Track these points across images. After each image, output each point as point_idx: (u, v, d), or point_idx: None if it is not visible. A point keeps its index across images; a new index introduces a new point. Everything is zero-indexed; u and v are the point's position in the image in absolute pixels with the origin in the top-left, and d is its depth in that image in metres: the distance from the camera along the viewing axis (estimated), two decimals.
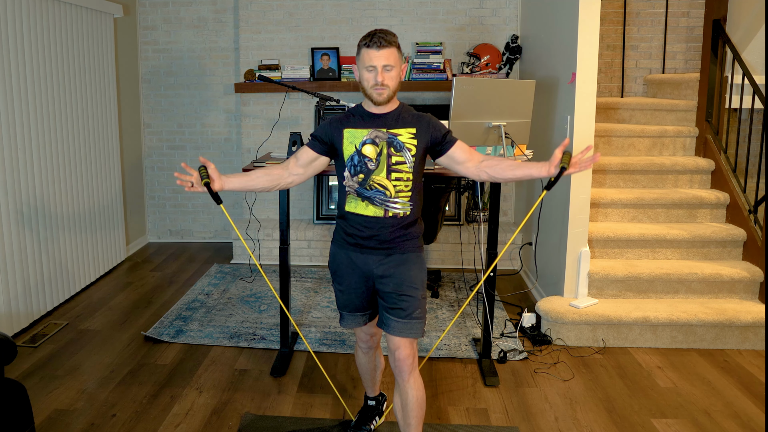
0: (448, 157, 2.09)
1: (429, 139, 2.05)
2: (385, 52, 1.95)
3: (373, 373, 2.40)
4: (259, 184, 2.12)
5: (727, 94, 4.05)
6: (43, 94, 3.55)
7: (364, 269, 2.09)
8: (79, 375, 2.90)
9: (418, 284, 2.06)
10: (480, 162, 2.10)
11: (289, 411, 2.62)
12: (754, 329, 3.23)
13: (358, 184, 2.03)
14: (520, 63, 4.65)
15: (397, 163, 2.01)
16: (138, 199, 5.04)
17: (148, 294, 4.00)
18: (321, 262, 4.62)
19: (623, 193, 3.85)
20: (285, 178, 2.14)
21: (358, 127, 2.04)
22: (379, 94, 1.98)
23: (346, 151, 2.04)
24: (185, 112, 5.04)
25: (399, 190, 2.02)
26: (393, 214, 2.03)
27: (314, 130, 2.13)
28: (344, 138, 2.04)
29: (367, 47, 1.96)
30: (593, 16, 3.24)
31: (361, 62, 1.99)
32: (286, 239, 3.00)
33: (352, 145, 2.03)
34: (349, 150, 2.03)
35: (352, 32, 4.70)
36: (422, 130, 2.04)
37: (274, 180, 2.13)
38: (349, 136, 2.04)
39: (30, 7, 3.40)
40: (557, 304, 3.38)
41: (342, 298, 2.18)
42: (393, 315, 2.04)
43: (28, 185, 3.42)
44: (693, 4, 4.84)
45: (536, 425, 2.53)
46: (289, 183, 2.16)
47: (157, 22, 4.92)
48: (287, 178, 2.14)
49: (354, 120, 2.06)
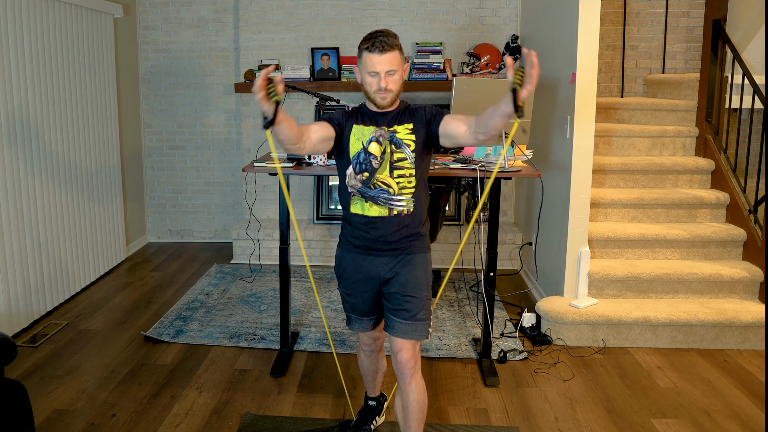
0: (444, 135, 2.00)
1: (423, 128, 2.02)
2: (388, 56, 1.92)
3: (374, 374, 2.40)
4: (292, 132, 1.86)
5: (727, 94, 4.05)
6: (43, 94, 3.55)
7: (372, 272, 2.06)
8: (79, 375, 2.90)
9: (423, 285, 2.04)
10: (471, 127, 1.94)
11: (289, 411, 2.62)
12: (754, 329, 3.23)
13: (361, 183, 2.02)
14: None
15: (399, 160, 2.00)
16: (138, 200, 5.04)
17: (148, 294, 4.00)
18: (321, 262, 4.62)
19: (623, 193, 3.85)
20: (301, 140, 1.93)
21: (365, 125, 2.03)
22: (383, 98, 1.97)
23: (353, 148, 2.02)
24: (185, 112, 5.04)
25: (402, 186, 2.01)
26: (398, 212, 2.01)
27: (329, 115, 2.05)
28: (352, 133, 2.02)
29: (369, 52, 1.92)
30: (593, 16, 3.25)
31: (363, 66, 1.96)
32: (286, 239, 3.00)
33: (359, 141, 2.02)
34: (356, 147, 2.02)
35: (352, 32, 4.70)
36: (417, 123, 2.03)
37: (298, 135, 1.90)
38: (357, 132, 2.02)
39: (30, 7, 3.40)
40: (557, 304, 3.38)
41: (349, 301, 2.16)
42: (397, 316, 2.02)
43: (28, 185, 3.42)
44: (693, 4, 4.84)
45: (536, 425, 2.53)
46: (300, 148, 1.94)
47: (157, 22, 4.92)
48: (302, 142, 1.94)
49: (360, 118, 2.05)
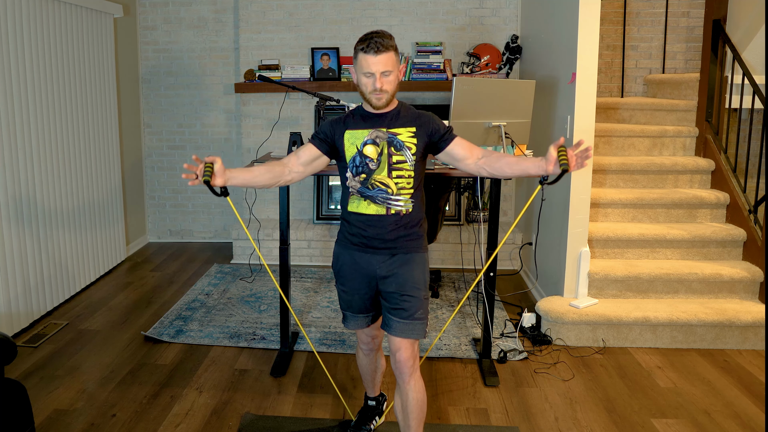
0: (446, 153, 2.10)
1: (428, 137, 2.05)
2: (383, 57, 1.93)
3: (373, 374, 2.41)
4: (261, 180, 2.11)
5: (727, 94, 4.05)
6: (43, 94, 3.55)
7: (368, 270, 2.09)
8: (79, 375, 2.90)
9: (420, 285, 2.06)
10: (479, 159, 2.10)
11: (289, 411, 2.62)
12: (754, 329, 3.23)
13: (360, 184, 2.04)
14: (520, 63, 4.65)
15: (398, 162, 2.02)
16: (138, 199, 5.04)
17: (148, 294, 4.00)
18: (321, 262, 4.62)
19: (623, 193, 3.85)
20: (285, 176, 2.13)
21: (359, 128, 2.04)
22: (378, 98, 1.98)
23: (348, 153, 2.05)
24: (185, 112, 5.04)
25: (401, 187, 2.03)
26: (395, 211, 2.03)
27: (316, 130, 2.13)
28: (345, 140, 2.05)
29: (364, 52, 1.94)
30: (593, 16, 3.24)
31: (359, 67, 1.98)
32: (286, 239, 3.00)
33: (353, 146, 2.04)
34: (351, 151, 2.04)
35: (352, 32, 4.70)
36: (421, 129, 2.04)
37: (275, 177, 2.12)
38: (350, 138, 2.04)
39: (30, 7, 3.40)
40: (557, 304, 3.38)
41: (345, 298, 2.19)
42: (395, 315, 2.04)
43: (28, 185, 3.42)
44: (693, 4, 4.84)
45: (536, 425, 2.53)
46: (288, 180, 2.15)
47: (157, 22, 4.92)
48: (287, 176, 2.14)
49: (354, 121, 2.07)
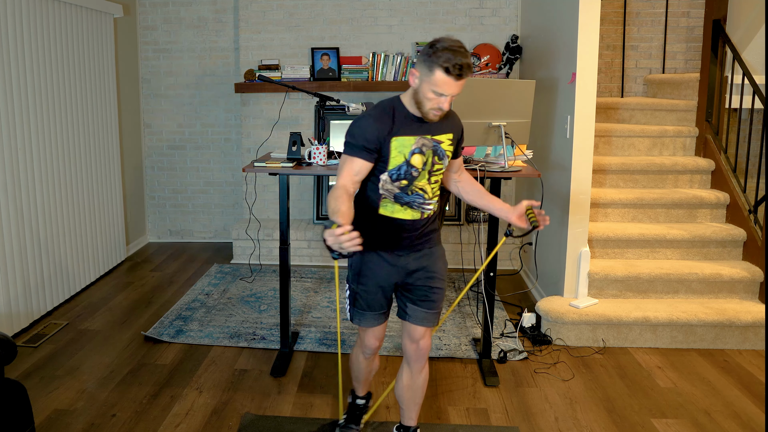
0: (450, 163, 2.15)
1: (457, 143, 2.12)
2: (462, 82, 1.86)
3: (368, 375, 2.42)
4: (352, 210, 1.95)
5: (727, 94, 4.05)
6: (43, 94, 3.55)
7: (397, 267, 2.09)
8: (79, 375, 2.90)
9: (444, 277, 2.17)
10: (459, 176, 2.24)
11: (289, 411, 2.62)
12: (754, 329, 3.23)
13: (399, 189, 2.01)
14: (520, 63, 4.65)
15: (438, 169, 2.05)
16: (138, 199, 5.04)
17: (148, 294, 4.00)
18: (321, 262, 4.62)
19: (623, 193, 3.85)
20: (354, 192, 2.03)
21: (406, 134, 1.96)
22: (436, 116, 1.94)
23: (394, 161, 1.97)
24: (185, 112, 5.04)
25: (435, 191, 2.07)
26: (427, 215, 2.08)
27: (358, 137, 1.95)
28: (392, 148, 1.95)
29: (447, 74, 1.82)
30: (593, 16, 3.24)
31: (431, 82, 1.85)
32: (286, 239, 3.00)
33: (401, 155, 1.96)
34: (398, 160, 1.97)
35: (352, 32, 4.70)
36: (455, 136, 2.09)
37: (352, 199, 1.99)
38: (398, 146, 1.95)
39: (30, 7, 3.40)
40: (557, 304, 3.38)
41: (367, 298, 2.12)
42: (423, 306, 2.11)
43: (28, 185, 3.42)
44: (693, 4, 4.84)
45: (536, 425, 2.53)
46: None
47: (157, 22, 4.92)
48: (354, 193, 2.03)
49: (400, 124, 1.96)
